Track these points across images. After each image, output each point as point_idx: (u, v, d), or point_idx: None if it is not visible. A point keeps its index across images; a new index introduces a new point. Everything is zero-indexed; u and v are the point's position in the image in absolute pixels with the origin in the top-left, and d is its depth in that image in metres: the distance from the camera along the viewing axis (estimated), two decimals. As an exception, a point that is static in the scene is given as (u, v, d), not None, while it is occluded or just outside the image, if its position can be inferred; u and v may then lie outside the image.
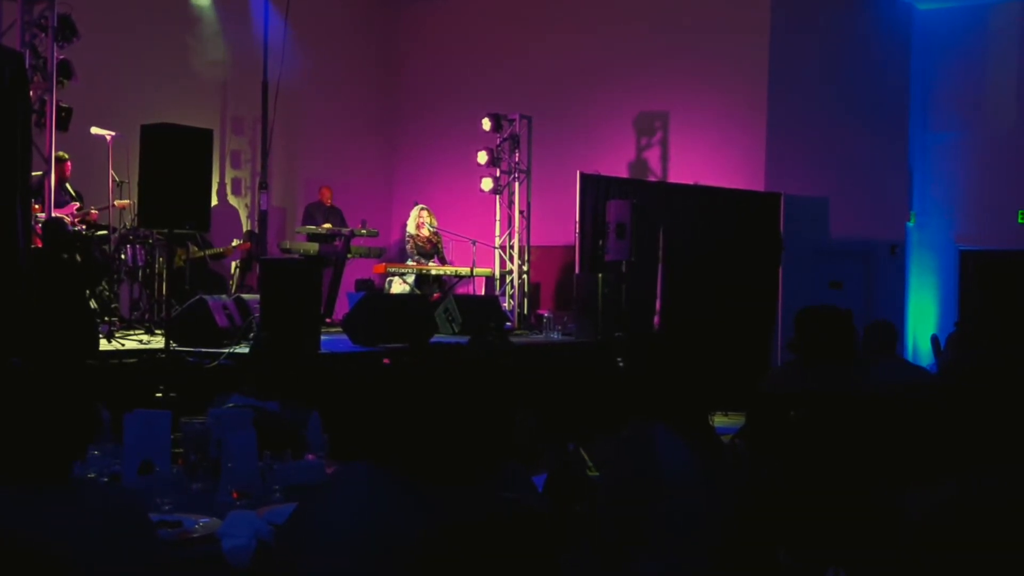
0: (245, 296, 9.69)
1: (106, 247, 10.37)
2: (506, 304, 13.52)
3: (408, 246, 13.38)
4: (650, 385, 3.43)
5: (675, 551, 3.14)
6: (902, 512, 2.89)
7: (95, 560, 2.39)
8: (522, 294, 13.90)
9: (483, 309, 11.95)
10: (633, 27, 14.48)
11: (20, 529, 2.35)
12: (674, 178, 14.14)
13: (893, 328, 6.55)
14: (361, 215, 12.90)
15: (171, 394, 7.25)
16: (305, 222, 13.12)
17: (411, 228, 13.40)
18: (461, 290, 13.56)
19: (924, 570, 2.77)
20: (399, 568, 2.26)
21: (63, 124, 10.12)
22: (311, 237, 12.62)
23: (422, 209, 13.46)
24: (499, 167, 13.82)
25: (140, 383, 7.31)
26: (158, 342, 8.52)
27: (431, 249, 13.38)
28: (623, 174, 14.27)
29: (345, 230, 12.56)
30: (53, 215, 9.66)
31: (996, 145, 14.09)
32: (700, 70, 13.93)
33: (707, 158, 13.84)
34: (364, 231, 12.43)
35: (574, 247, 12.65)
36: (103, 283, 9.97)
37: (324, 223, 12.82)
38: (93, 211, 10.55)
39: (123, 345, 8.54)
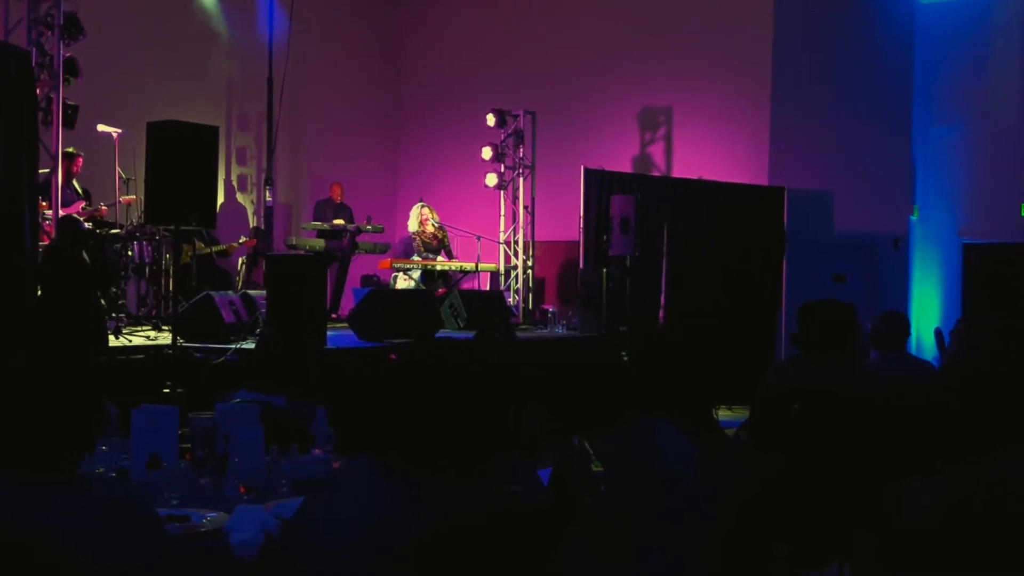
0: (251, 292, 9.73)
1: (118, 245, 10.42)
2: (511, 299, 13.54)
3: (414, 243, 13.40)
4: (654, 379, 3.45)
5: (676, 544, 3.16)
6: (903, 504, 2.91)
7: (103, 555, 2.40)
8: (527, 289, 13.92)
9: (488, 304, 11.98)
10: (636, 22, 14.50)
11: (28, 524, 2.37)
12: (678, 173, 14.15)
13: (907, 320, 6.54)
14: (366, 211, 12.93)
15: (178, 390, 7.29)
16: (315, 219, 13.15)
17: (413, 226, 13.43)
18: (466, 285, 13.58)
19: (925, 562, 2.79)
20: (401, 561, 2.28)
21: (69, 122, 10.15)
22: (318, 233, 12.65)
23: (423, 206, 13.49)
24: (503, 163, 13.86)
25: (147, 379, 7.35)
26: (165, 338, 8.56)
27: (437, 245, 13.41)
28: (627, 169, 14.28)
29: (351, 226, 12.59)
30: (69, 214, 9.69)
31: (999, 139, 14.08)
32: (703, 65, 13.94)
33: (711, 153, 13.85)
34: (370, 227, 12.46)
35: (578, 242, 12.67)
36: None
37: (334, 220, 12.84)
38: (103, 207, 10.59)
39: (130, 341, 8.59)
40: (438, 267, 13.16)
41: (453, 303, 11.56)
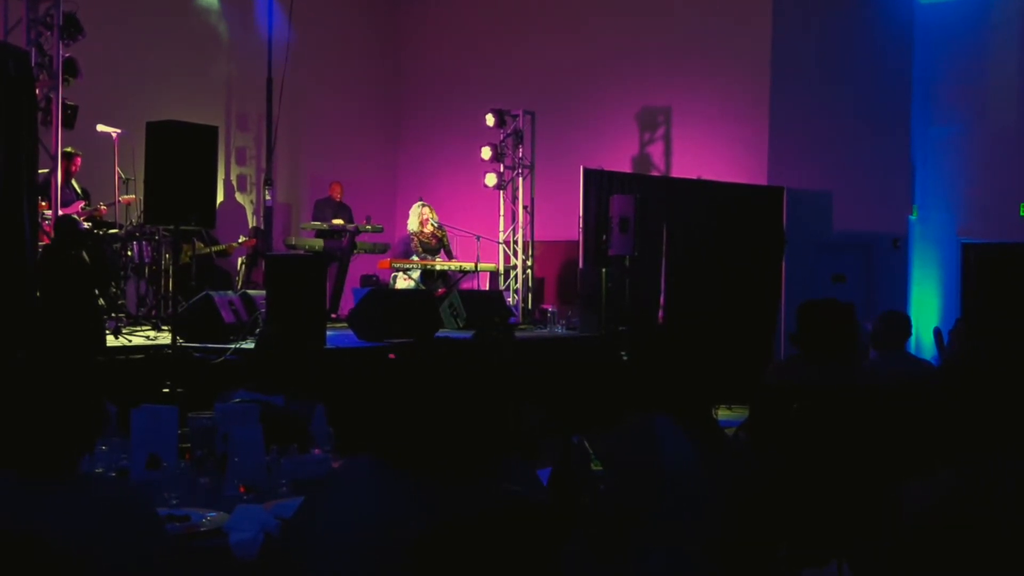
0: (251, 292, 9.72)
1: (117, 245, 10.41)
2: (510, 299, 13.54)
3: (412, 243, 13.39)
4: (654, 379, 3.45)
5: (676, 544, 3.16)
6: (903, 504, 2.91)
7: (103, 554, 2.41)
8: (526, 289, 13.92)
9: (487, 304, 11.98)
10: (635, 22, 14.51)
11: (28, 523, 2.37)
12: (677, 173, 14.16)
13: (908, 320, 6.55)
14: (366, 211, 12.93)
15: (178, 389, 7.29)
16: (315, 218, 13.14)
17: (413, 226, 13.41)
18: (465, 285, 13.58)
19: (925, 561, 2.79)
20: (401, 562, 2.28)
21: (69, 122, 10.15)
22: (317, 233, 12.65)
23: (423, 205, 13.48)
24: (503, 162, 13.87)
25: (147, 379, 7.34)
26: (165, 338, 8.55)
27: (436, 244, 13.40)
28: (626, 169, 14.30)
29: (350, 226, 12.59)
30: (66, 214, 9.68)
31: (998, 138, 14.08)
32: (702, 65, 13.96)
33: (710, 152, 13.86)
34: (369, 227, 12.46)
35: (578, 242, 12.68)
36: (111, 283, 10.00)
37: (334, 219, 12.83)
38: (102, 207, 10.59)
39: (130, 341, 8.58)
40: (438, 267, 13.15)
41: (453, 303, 11.56)
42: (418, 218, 13.38)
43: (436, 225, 13.44)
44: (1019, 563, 2.66)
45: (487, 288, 13.96)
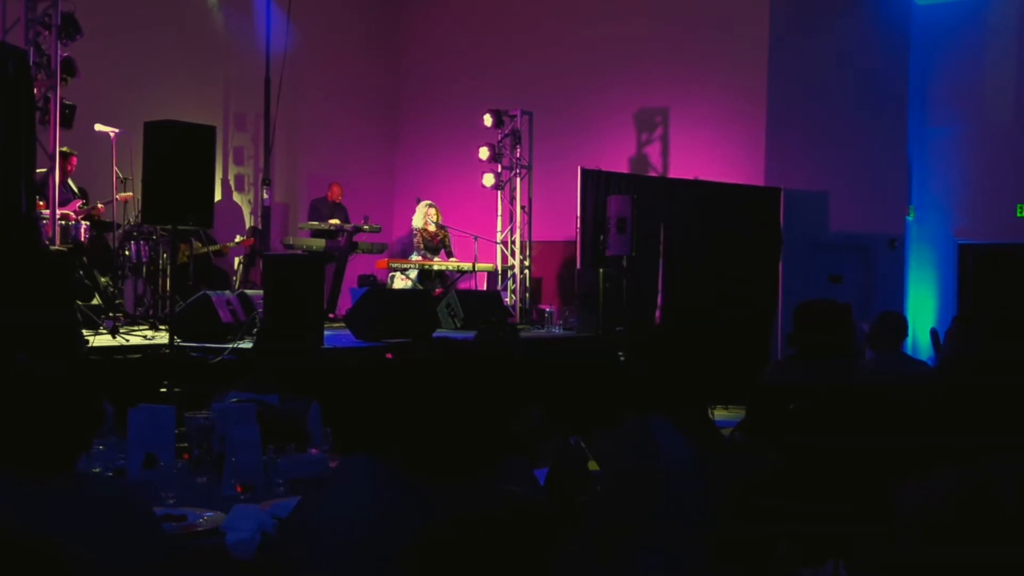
0: (249, 292, 9.71)
1: (99, 242, 10.40)
2: (508, 299, 13.54)
3: (415, 239, 13.38)
4: (651, 379, 3.45)
5: (674, 544, 3.16)
6: (900, 503, 2.92)
7: (100, 554, 2.40)
8: (524, 289, 13.92)
9: (485, 304, 11.97)
10: (634, 23, 14.52)
11: (25, 523, 2.36)
12: (674, 173, 14.17)
13: (904, 320, 6.56)
14: (363, 211, 12.92)
15: (175, 389, 7.28)
16: (311, 218, 13.14)
17: (418, 223, 13.42)
18: (463, 285, 13.58)
19: (922, 561, 2.80)
20: (398, 561, 2.29)
21: (67, 121, 10.15)
22: (314, 233, 12.64)
23: (428, 205, 13.47)
24: (501, 163, 13.86)
25: (144, 378, 7.34)
26: (162, 337, 8.54)
27: (437, 244, 13.40)
28: (624, 169, 14.31)
29: (348, 226, 12.57)
30: (62, 212, 9.67)
31: (995, 139, 14.11)
32: (700, 66, 13.97)
33: (707, 153, 13.87)
34: (367, 227, 12.45)
35: (575, 242, 12.69)
36: (104, 285, 9.97)
37: (329, 219, 12.83)
38: (100, 205, 10.59)
39: (127, 341, 8.57)
40: (435, 267, 13.15)
41: (450, 303, 11.55)
42: (422, 216, 13.38)
43: (437, 226, 13.43)
44: (1017, 563, 2.67)
45: (485, 288, 13.96)
